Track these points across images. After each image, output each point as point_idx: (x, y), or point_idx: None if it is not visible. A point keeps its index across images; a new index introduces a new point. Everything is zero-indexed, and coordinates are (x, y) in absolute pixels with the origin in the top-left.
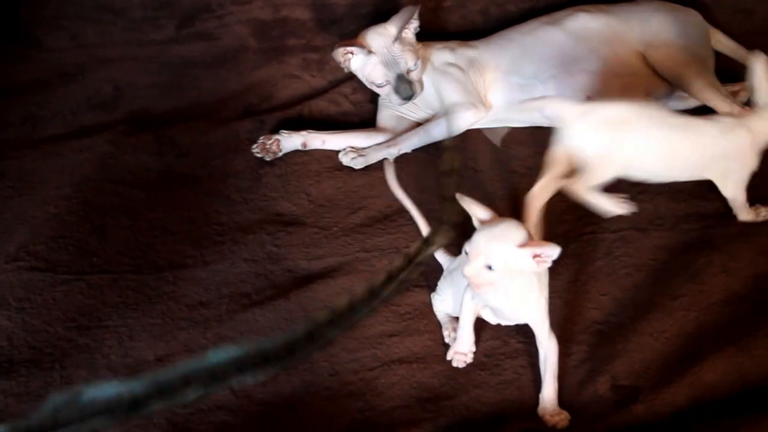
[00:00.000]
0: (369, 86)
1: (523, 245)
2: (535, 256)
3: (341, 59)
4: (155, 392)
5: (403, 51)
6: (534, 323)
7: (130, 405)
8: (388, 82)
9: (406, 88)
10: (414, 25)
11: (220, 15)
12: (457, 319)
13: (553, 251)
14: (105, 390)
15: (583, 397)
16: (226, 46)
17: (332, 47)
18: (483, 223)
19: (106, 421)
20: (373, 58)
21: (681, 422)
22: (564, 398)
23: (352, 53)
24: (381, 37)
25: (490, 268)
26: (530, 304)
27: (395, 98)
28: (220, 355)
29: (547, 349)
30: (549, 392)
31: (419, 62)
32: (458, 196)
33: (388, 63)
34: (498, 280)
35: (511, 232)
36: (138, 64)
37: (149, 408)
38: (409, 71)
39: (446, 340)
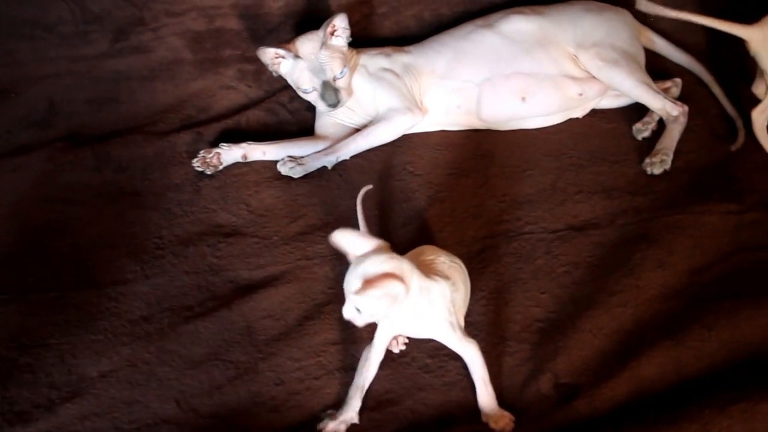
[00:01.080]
0: (297, 92)
1: (360, 291)
2: (387, 295)
3: (269, 62)
4: None
5: (330, 58)
6: (441, 339)
7: None
8: (314, 89)
9: (331, 95)
10: (346, 33)
11: (154, 28)
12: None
13: (393, 287)
14: None
15: (527, 395)
16: (160, 59)
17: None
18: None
19: None
20: (301, 63)
21: (621, 416)
22: (507, 398)
23: (282, 57)
24: (311, 42)
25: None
26: (426, 325)
27: (321, 105)
28: None
29: (467, 358)
30: (484, 399)
31: (347, 70)
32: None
33: (315, 69)
34: (373, 318)
35: (360, 269)
36: (72, 79)
37: None
38: (335, 79)
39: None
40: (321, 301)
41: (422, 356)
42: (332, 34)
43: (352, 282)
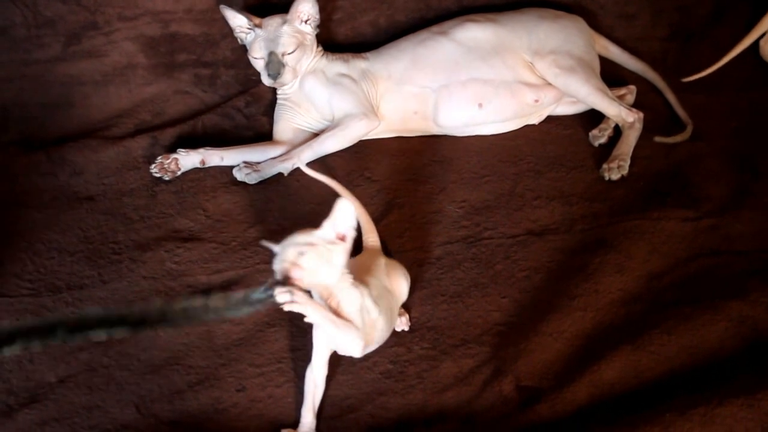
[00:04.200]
0: (251, 61)
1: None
2: (338, 236)
3: (236, 27)
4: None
5: (289, 35)
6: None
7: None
8: (262, 57)
9: (274, 66)
10: (315, 20)
11: (107, 32)
12: None
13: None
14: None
15: (488, 396)
16: (114, 63)
17: (223, 63)
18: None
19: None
20: (260, 32)
21: (582, 420)
22: (468, 398)
23: (249, 29)
24: (277, 18)
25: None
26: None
27: (264, 76)
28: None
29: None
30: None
31: (299, 52)
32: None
33: (269, 39)
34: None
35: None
36: (25, 83)
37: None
38: (284, 54)
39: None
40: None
41: (383, 361)
42: (304, 21)
43: (295, 237)
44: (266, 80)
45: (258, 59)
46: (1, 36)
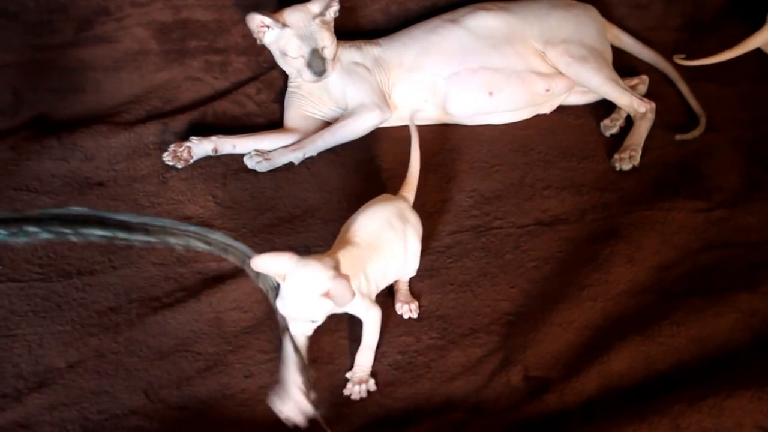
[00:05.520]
0: (281, 61)
1: (326, 293)
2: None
3: (255, 29)
4: None
5: (321, 28)
6: (356, 313)
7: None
8: (301, 56)
9: (319, 63)
10: (334, 8)
11: (119, 18)
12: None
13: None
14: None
15: (496, 386)
16: (125, 49)
17: (234, 50)
18: (283, 278)
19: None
20: (288, 31)
21: (591, 410)
22: (476, 387)
23: (267, 26)
24: (300, 13)
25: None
26: (354, 305)
27: (307, 74)
28: None
29: (367, 323)
30: (362, 359)
31: (335, 42)
32: (254, 259)
33: (304, 37)
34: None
35: (313, 285)
36: (36, 68)
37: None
38: (323, 48)
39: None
40: None
41: (392, 352)
42: (328, 9)
43: (301, 302)
44: (310, 78)
45: (296, 58)
46: (13, 21)
